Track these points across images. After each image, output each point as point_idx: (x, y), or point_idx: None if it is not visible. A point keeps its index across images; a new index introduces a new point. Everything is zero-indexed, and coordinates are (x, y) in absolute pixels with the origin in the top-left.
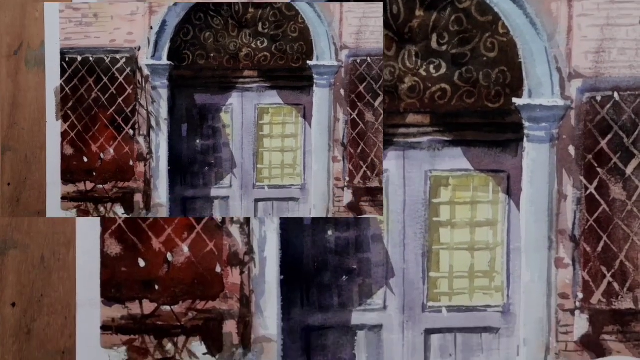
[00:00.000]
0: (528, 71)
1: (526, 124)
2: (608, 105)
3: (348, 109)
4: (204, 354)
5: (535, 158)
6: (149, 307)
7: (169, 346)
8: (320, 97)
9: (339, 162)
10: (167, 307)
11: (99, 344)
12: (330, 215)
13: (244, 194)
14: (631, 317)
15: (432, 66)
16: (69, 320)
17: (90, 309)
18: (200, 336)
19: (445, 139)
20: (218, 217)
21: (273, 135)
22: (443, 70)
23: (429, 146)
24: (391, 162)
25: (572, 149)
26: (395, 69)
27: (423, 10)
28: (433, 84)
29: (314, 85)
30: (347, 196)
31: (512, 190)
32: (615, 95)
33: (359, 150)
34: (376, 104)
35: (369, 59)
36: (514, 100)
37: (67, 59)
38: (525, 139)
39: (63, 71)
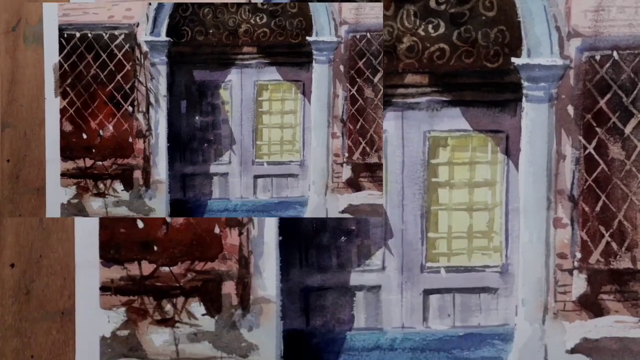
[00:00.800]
0: (527, 30)
1: (525, 83)
2: (607, 65)
3: (347, 85)
4: (203, 315)
5: (534, 118)
6: (147, 268)
7: (168, 307)
8: (320, 73)
9: (338, 138)
10: (166, 268)
11: (98, 305)
12: (329, 193)
13: (243, 171)
14: (629, 276)
15: (430, 26)
16: (68, 281)
17: (89, 270)
18: (199, 297)
19: (444, 99)
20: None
21: (272, 112)
22: (442, 30)
23: (427, 106)
24: (390, 122)
25: (570, 109)
26: (394, 29)
27: None
28: (431, 43)
29: (313, 61)
30: (346, 172)
31: (510, 151)
32: (615, 54)
33: (358, 126)
34: (375, 79)
35: (368, 34)
36: (513, 59)
37: (65, 35)
38: (524, 98)
39: (61, 47)
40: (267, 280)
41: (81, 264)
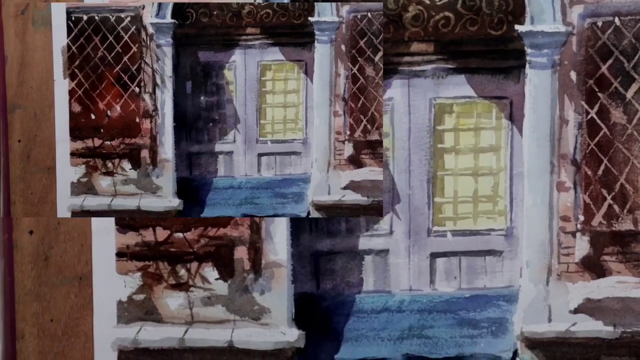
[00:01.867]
0: None
1: (528, 50)
2: (609, 31)
3: (349, 64)
4: (216, 279)
5: (538, 84)
6: (162, 234)
7: (182, 272)
8: (322, 52)
9: (340, 116)
10: (180, 234)
11: (115, 270)
12: (331, 170)
13: (247, 149)
14: (631, 238)
15: None
16: (85, 247)
17: (105, 236)
18: (212, 262)
19: (449, 66)
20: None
21: (275, 91)
22: None
23: (433, 74)
24: (396, 90)
25: (573, 75)
26: None
27: None
28: (436, 12)
29: (315, 42)
30: (348, 149)
31: (514, 116)
32: (616, 20)
33: (359, 105)
34: (376, 58)
35: (369, 14)
36: (516, 27)
37: (73, 18)
38: (527, 65)
39: (69, 30)
40: (278, 245)
41: (98, 231)
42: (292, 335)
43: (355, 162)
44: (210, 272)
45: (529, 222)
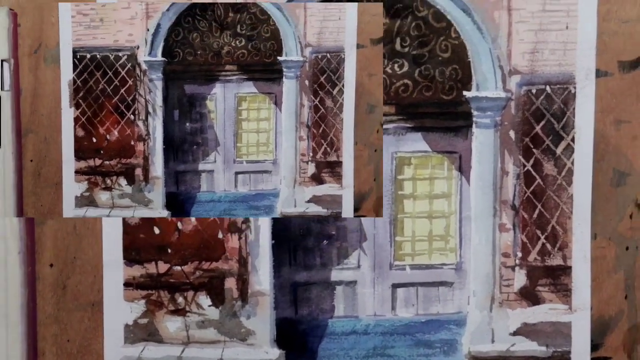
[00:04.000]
0: (476, 68)
1: (474, 112)
2: (541, 97)
3: (311, 96)
4: (209, 306)
5: (482, 141)
6: (163, 267)
7: (180, 299)
8: (289, 87)
9: (304, 140)
10: (178, 267)
11: (122, 298)
12: (296, 186)
13: (226, 168)
14: (561, 271)
15: (396, 65)
16: (97, 278)
17: (114, 269)
18: (206, 291)
19: (408, 125)
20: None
21: (250, 119)
22: (405, 69)
23: (394, 132)
24: None
25: (512, 133)
26: None
27: (388, 19)
28: (397, 79)
29: (284, 77)
30: (311, 168)
31: (463, 168)
32: (547, 88)
33: (320, 131)
34: (334, 91)
35: (328, 54)
36: (465, 93)
37: (78, 56)
38: (474, 125)
39: (75, 67)
40: (262, 276)
41: (108, 264)
42: (274, 354)
43: (316, 179)
44: (204, 299)
45: (475, 257)
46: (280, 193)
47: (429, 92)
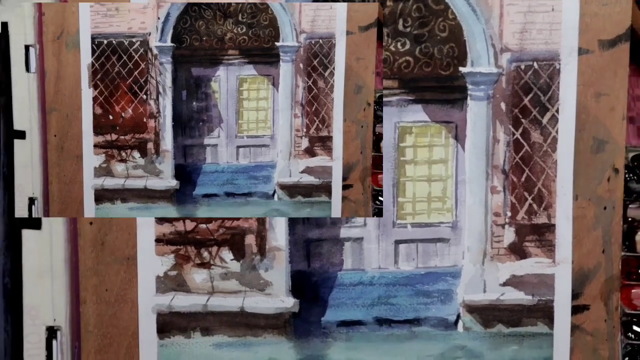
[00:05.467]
0: (471, 47)
1: (469, 86)
2: (529, 72)
3: (305, 78)
4: (231, 260)
5: (476, 112)
6: (190, 225)
7: (205, 254)
8: (285, 69)
9: (299, 117)
10: (204, 225)
11: (154, 252)
12: (291, 158)
13: (228, 142)
14: (545, 229)
15: (399, 43)
16: (132, 235)
17: (147, 227)
18: (228, 246)
19: (410, 98)
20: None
21: (250, 98)
22: (407, 47)
23: (397, 103)
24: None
25: (503, 105)
26: None
27: (392, 1)
28: (400, 57)
29: (280, 61)
30: (305, 143)
31: (459, 136)
32: (535, 64)
33: (313, 109)
34: (326, 74)
35: (320, 40)
36: (460, 68)
37: (96, 42)
38: (469, 97)
39: (93, 51)
40: (279, 233)
41: (141, 222)
42: (289, 303)
43: (309, 152)
44: (227, 254)
45: (469, 217)
46: (277, 165)
47: (429, 68)
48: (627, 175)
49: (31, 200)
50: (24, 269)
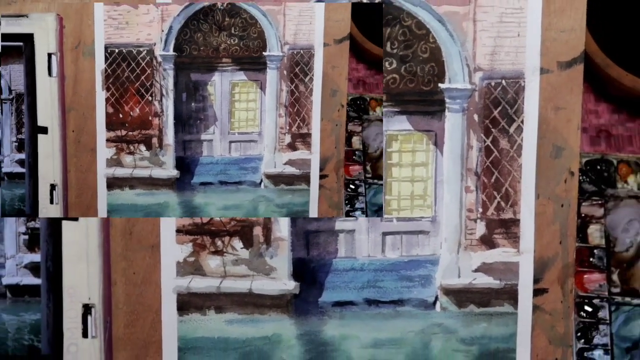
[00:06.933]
0: (448, 66)
1: (447, 100)
2: (499, 88)
3: (288, 83)
4: (241, 248)
5: (453, 122)
6: (205, 218)
7: (219, 243)
8: (271, 75)
9: (282, 117)
10: (217, 218)
11: (175, 241)
12: (276, 152)
13: (222, 138)
14: (511, 223)
15: (387, 63)
16: (156, 225)
17: (169, 220)
18: (239, 236)
19: (396, 110)
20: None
21: (241, 100)
22: (394, 66)
23: (385, 115)
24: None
25: (476, 116)
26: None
27: (383, 27)
28: (388, 74)
29: (267, 68)
30: (287, 139)
31: (438, 143)
32: (503, 82)
33: (295, 109)
34: (306, 79)
35: (301, 51)
36: (440, 85)
37: (108, 51)
38: (446, 110)
39: (106, 59)
40: (282, 226)
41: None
42: (290, 285)
43: (291, 147)
44: (237, 243)
45: (446, 212)
46: (264, 157)
47: (412, 84)
48: (581, 177)
49: (52, 187)
50: (63, 255)
